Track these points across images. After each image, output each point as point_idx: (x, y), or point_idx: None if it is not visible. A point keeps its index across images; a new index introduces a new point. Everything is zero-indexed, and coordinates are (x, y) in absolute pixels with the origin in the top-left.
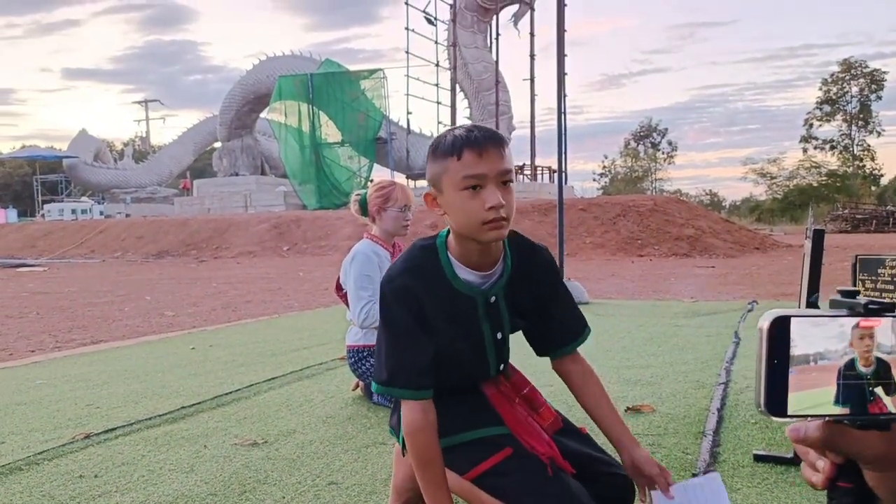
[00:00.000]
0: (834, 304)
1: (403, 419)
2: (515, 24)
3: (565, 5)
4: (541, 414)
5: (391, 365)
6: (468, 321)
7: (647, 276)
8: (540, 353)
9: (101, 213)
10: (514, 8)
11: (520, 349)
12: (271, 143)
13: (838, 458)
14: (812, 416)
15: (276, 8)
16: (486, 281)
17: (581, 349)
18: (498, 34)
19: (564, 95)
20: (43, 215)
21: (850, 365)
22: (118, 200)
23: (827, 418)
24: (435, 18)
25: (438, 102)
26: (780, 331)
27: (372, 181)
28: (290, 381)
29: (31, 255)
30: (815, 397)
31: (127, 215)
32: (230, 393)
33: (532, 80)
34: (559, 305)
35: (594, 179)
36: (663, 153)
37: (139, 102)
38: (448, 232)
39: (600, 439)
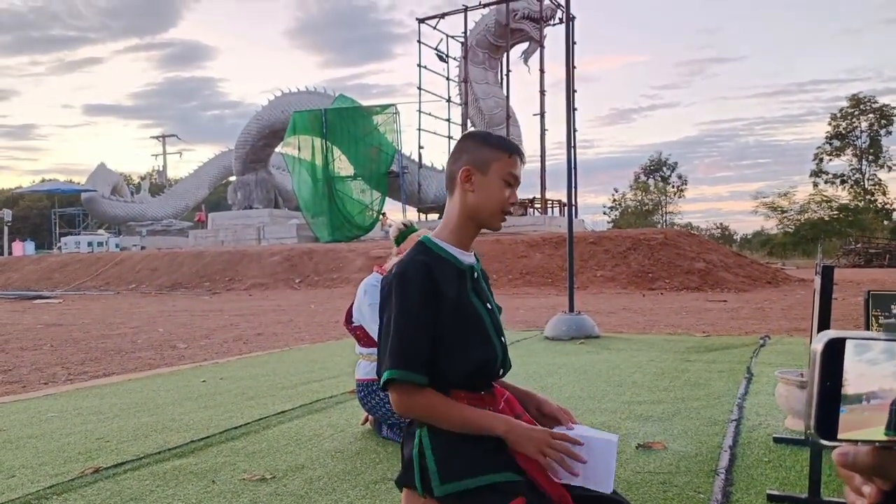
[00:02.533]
0: (889, 328)
1: (402, 405)
2: (525, 61)
3: (574, 43)
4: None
5: (400, 344)
6: (465, 293)
7: (658, 310)
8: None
9: (117, 246)
10: (525, 45)
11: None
12: (285, 176)
13: (886, 485)
14: (863, 441)
15: (293, 46)
16: (470, 259)
17: (593, 386)
18: (509, 70)
19: (574, 130)
20: (60, 248)
21: None
22: (134, 233)
23: (878, 443)
24: (447, 55)
25: (450, 137)
26: (833, 353)
27: (384, 214)
28: (300, 415)
29: (47, 287)
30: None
31: (142, 248)
32: (239, 427)
33: (542, 115)
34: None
35: (604, 213)
36: (673, 187)
37: (157, 137)
38: (427, 236)
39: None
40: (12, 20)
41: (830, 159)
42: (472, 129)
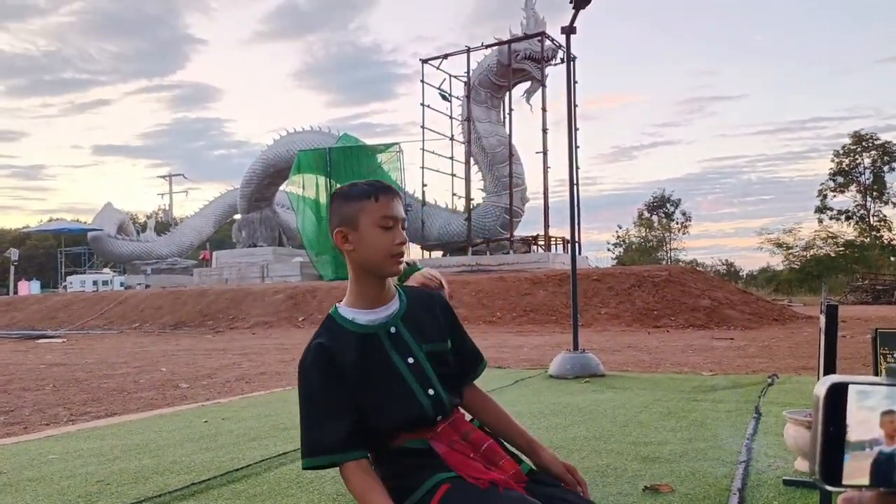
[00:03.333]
0: (891, 373)
1: (350, 486)
2: (528, 99)
3: (576, 82)
4: (502, 467)
5: (314, 435)
6: (378, 355)
7: (663, 348)
8: (464, 377)
9: (122, 284)
10: (527, 85)
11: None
12: (289, 214)
13: None
14: (867, 486)
15: (299, 87)
16: (383, 315)
17: (598, 426)
18: (511, 109)
19: (577, 168)
20: (65, 287)
21: None
22: (139, 271)
23: (883, 489)
24: (449, 94)
25: (453, 175)
26: (836, 398)
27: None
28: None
29: (51, 327)
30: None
31: (147, 286)
32: (241, 469)
33: (545, 152)
34: (462, 334)
35: (608, 249)
36: (677, 223)
37: (164, 176)
38: (331, 313)
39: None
40: (26, 64)
41: (835, 195)
42: (475, 167)
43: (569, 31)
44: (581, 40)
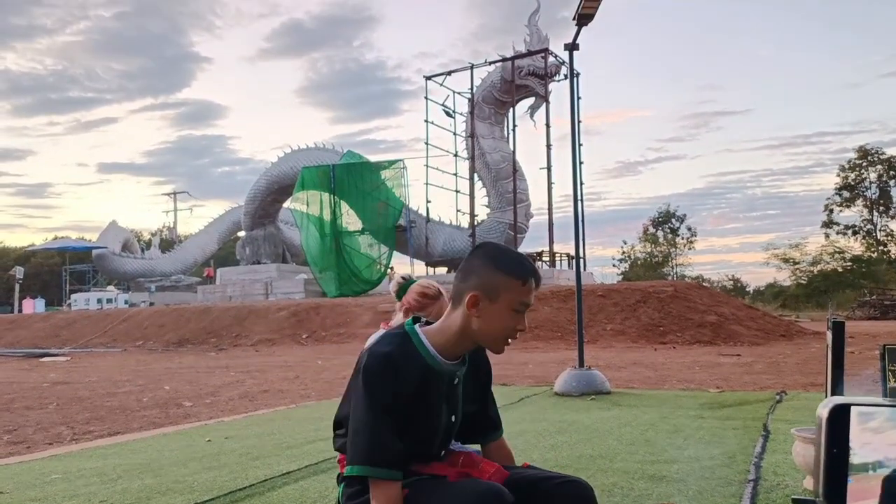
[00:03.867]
0: (893, 393)
1: (380, 501)
2: (531, 115)
3: (579, 98)
4: (481, 469)
5: (380, 446)
6: (431, 397)
7: (669, 365)
8: (477, 438)
9: (126, 302)
10: (530, 101)
11: None
12: (293, 231)
13: None
14: None
15: (303, 103)
16: (454, 365)
17: (604, 445)
18: (515, 125)
19: (581, 183)
20: (69, 305)
21: None
22: (143, 289)
23: None
24: (453, 111)
25: (457, 191)
26: (839, 419)
27: (391, 269)
28: (306, 476)
29: (55, 345)
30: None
31: (151, 304)
32: (244, 488)
33: (549, 168)
34: (490, 400)
35: (613, 265)
36: (683, 238)
37: (168, 194)
38: (412, 322)
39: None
40: (33, 83)
41: (841, 210)
42: (479, 183)
43: (572, 47)
44: (585, 55)
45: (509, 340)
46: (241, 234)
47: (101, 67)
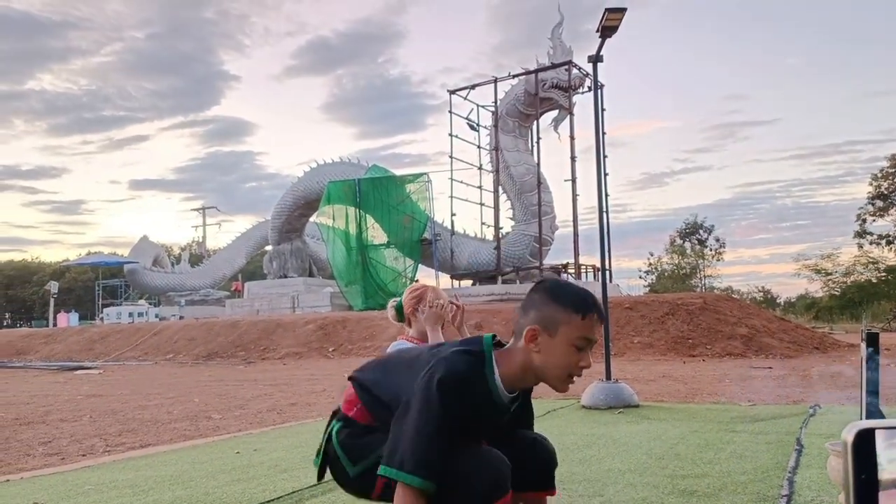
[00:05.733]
0: None
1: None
2: (556, 128)
3: (604, 110)
4: None
5: (424, 453)
6: (484, 424)
7: (699, 378)
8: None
9: (157, 316)
10: (555, 113)
11: None
12: (319, 245)
13: None
14: None
15: (329, 119)
16: (512, 399)
17: (634, 459)
18: (539, 137)
19: (606, 195)
20: (102, 319)
21: None
22: (173, 303)
23: None
24: (477, 124)
25: (482, 204)
26: (865, 444)
27: (417, 281)
28: (334, 488)
29: (88, 358)
30: None
31: (181, 317)
32: (272, 501)
33: (574, 180)
34: (530, 414)
35: (640, 277)
36: (711, 250)
37: (197, 209)
38: (492, 340)
39: None
40: (68, 103)
41: (874, 220)
42: (504, 196)
43: (595, 59)
44: (609, 67)
45: (573, 378)
46: (269, 248)
47: (134, 87)
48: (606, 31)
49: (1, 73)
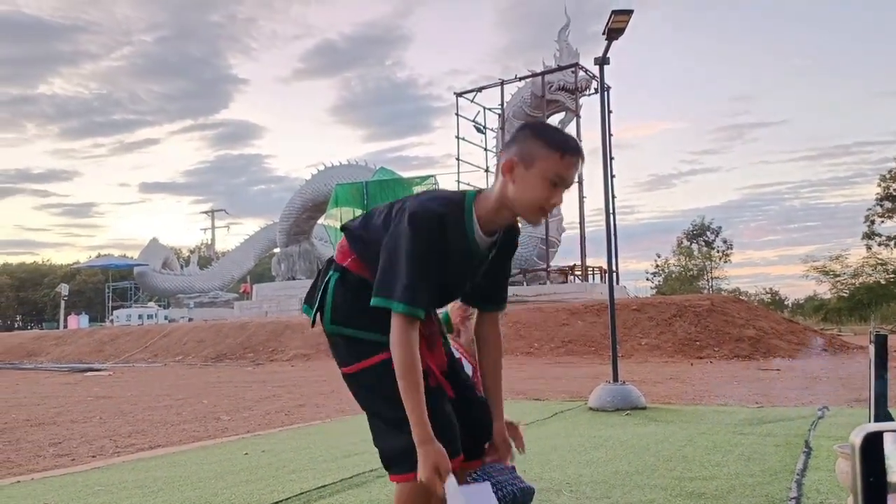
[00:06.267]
0: None
1: (399, 334)
2: (562, 130)
3: (610, 112)
4: (434, 353)
5: (409, 283)
6: (461, 267)
7: (707, 380)
8: (476, 303)
9: (166, 318)
10: (561, 115)
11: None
12: (327, 247)
13: None
14: None
15: (337, 122)
16: (490, 241)
17: (641, 461)
18: None
19: (613, 197)
20: (112, 321)
21: None
22: (182, 305)
23: None
24: (484, 127)
25: None
26: (873, 446)
27: None
28: (340, 490)
29: (98, 360)
30: None
31: (190, 319)
32: (280, 502)
33: (580, 182)
34: (507, 269)
35: (647, 279)
36: (718, 251)
37: (206, 212)
38: (474, 195)
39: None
40: (80, 107)
41: (883, 221)
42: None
43: (602, 61)
44: (615, 69)
45: (545, 212)
46: (277, 250)
47: (143, 90)
48: (613, 33)
49: (13, 77)
